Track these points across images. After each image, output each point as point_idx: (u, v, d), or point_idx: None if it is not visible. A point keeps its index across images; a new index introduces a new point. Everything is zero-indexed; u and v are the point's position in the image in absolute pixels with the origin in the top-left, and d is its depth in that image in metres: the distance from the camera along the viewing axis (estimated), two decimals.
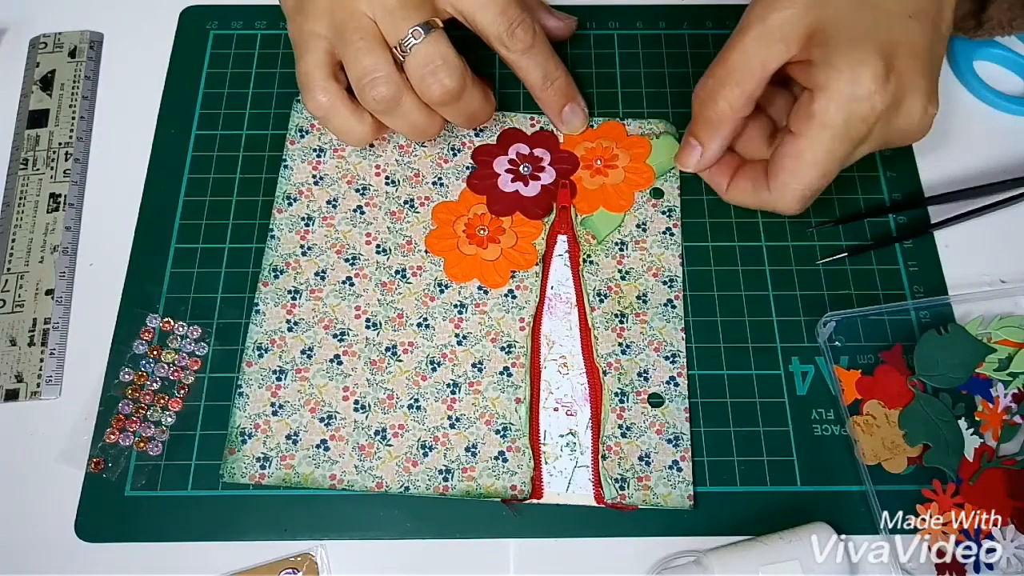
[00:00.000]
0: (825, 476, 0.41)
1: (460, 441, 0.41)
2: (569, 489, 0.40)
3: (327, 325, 0.43)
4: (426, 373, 0.42)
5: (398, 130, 0.44)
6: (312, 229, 0.46)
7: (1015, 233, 0.46)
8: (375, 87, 0.41)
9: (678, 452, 0.41)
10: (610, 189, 0.47)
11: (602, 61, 0.51)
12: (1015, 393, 0.41)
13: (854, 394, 0.42)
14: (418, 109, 0.42)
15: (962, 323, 0.43)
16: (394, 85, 0.41)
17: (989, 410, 0.41)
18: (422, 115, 0.43)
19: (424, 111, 0.43)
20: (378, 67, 0.41)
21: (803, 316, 0.44)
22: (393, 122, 0.43)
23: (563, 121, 0.47)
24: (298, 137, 0.48)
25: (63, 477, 0.41)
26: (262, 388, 0.42)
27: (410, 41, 0.40)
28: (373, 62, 0.41)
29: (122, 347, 0.43)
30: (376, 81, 0.41)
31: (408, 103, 0.42)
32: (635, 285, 0.44)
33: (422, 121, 0.43)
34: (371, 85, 0.41)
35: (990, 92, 0.49)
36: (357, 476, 0.40)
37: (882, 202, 0.47)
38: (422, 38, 0.40)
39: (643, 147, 0.48)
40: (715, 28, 0.52)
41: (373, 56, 0.41)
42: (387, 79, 0.41)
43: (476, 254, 0.45)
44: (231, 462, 0.40)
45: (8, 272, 0.45)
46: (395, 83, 0.41)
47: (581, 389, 0.42)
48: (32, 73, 0.51)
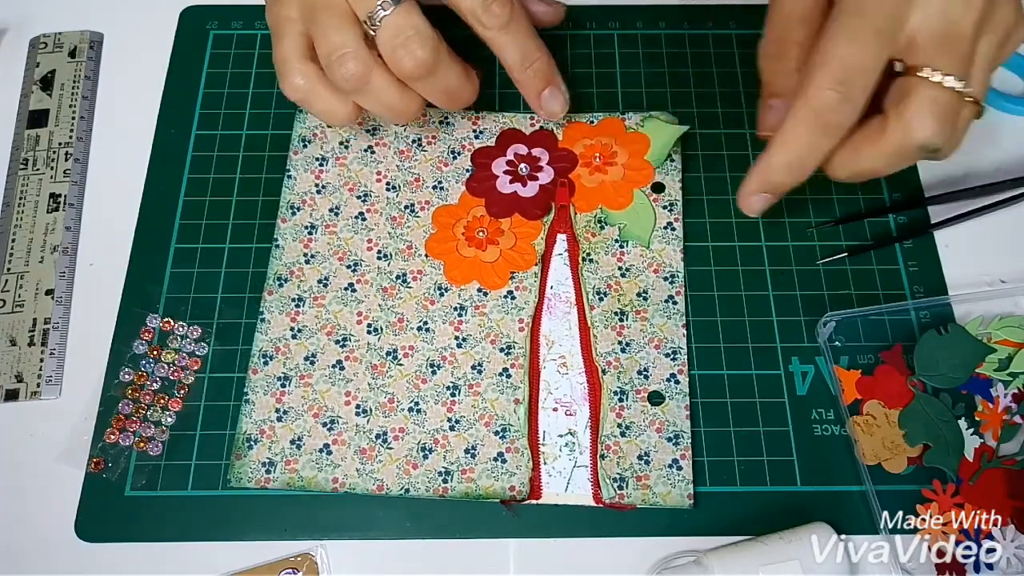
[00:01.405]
0: (825, 476, 0.41)
1: (459, 443, 0.41)
2: (568, 489, 0.40)
3: (330, 331, 0.43)
4: (426, 376, 0.42)
5: (374, 112, 0.43)
6: (315, 237, 0.46)
7: (1015, 233, 0.46)
8: (343, 64, 0.40)
9: (678, 451, 0.41)
10: (609, 186, 0.47)
11: (602, 61, 0.51)
12: (1015, 393, 0.41)
13: (854, 394, 0.42)
14: (391, 86, 0.41)
15: (962, 323, 0.43)
16: (363, 61, 0.40)
17: (989, 410, 0.41)
18: (396, 92, 0.41)
19: (398, 88, 0.41)
20: (346, 43, 0.40)
21: (803, 316, 0.44)
22: (367, 102, 0.42)
23: (542, 105, 0.45)
24: (301, 147, 0.48)
25: (63, 477, 0.41)
26: (267, 395, 0.42)
27: (379, 13, 0.39)
28: (341, 39, 0.40)
29: (122, 347, 0.43)
30: (344, 57, 0.40)
31: (379, 80, 0.41)
32: (635, 282, 0.44)
33: (396, 99, 0.42)
34: (339, 62, 0.40)
35: (990, 92, 0.49)
36: (359, 479, 0.40)
37: (882, 202, 0.47)
38: (392, 9, 0.39)
39: (642, 143, 0.48)
40: (715, 28, 0.52)
41: (341, 33, 0.40)
42: (355, 55, 0.40)
43: (475, 256, 0.45)
44: (237, 467, 0.41)
45: (8, 272, 0.46)
46: (364, 59, 0.40)
47: (580, 389, 0.42)
48: (32, 73, 0.51)
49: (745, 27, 0.52)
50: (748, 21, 0.52)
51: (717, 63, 0.51)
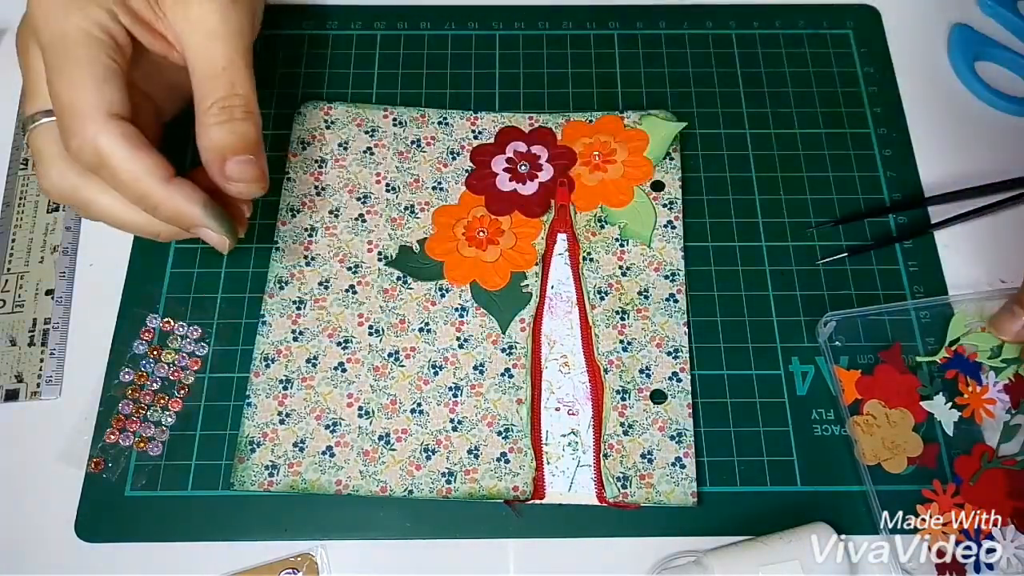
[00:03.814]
0: (825, 476, 0.41)
1: (462, 443, 0.41)
2: (572, 489, 0.40)
3: (331, 334, 0.43)
4: (428, 377, 0.42)
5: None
6: (315, 239, 0.45)
7: (1015, 233, 0.46)
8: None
9: (681, 448, 0.41)
10: (609, 184, 0.47)
11: (602, 61, 0.51)
12: (1006, 384, 0.41)
13: (854, 394, 0.42)
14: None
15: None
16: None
17: (969, 394, 0.41)
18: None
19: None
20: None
21: (803, 316, 0.44)
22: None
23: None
24: (299, 150, 0.48)
25: (63, 477, 0.41)
26: (269, 398, 0.42)
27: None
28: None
29: (122, 347, 0.43)
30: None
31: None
32: (636, 281, 0.44)
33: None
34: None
35: (990, 92, 0.49)
36: (362, 481, 0.40)
37: (882, 202, 0.47)
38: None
39: (641, 140, 0.48)
40: (715, 28, 0.52)
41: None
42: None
43: (476, 256, 0.45)
44: (240, 470, 0.40)
45: (8, 272, 0.45)
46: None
47: (583, 388, 0.42)
48: None
49: (745, 27, 0.52)
50: (748, 21, 0.52)
51: (717, 63, 0.51)
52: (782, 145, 0.48)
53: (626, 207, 0.46)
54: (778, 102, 0.50)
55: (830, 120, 0.49)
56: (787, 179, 0.48)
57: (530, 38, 0.52)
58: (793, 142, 0.49)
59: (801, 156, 0.48)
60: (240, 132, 0.39)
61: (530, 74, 0.50)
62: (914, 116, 0.49)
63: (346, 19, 0.52)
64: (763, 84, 0.50)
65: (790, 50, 0.51)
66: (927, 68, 0.51)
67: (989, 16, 0.52)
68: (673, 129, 0.47)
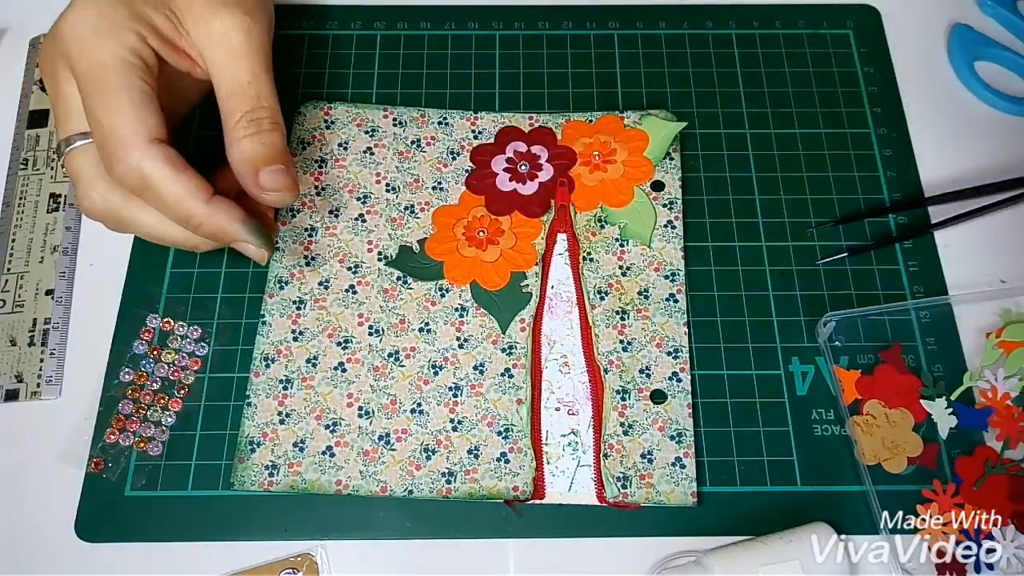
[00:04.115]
0: (825, 476, 0.41)
1: (462, 443, 0.41)
2: (572, 489, 0.40)
3: (331, 334, 0.43)
4: (428, 377, 0.42)
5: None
6: (315, 239, 0.45)
7: (1015, 233, 0.46)
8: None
9: (681, 448, 0.41)
10: (610, 184, 0.47)
11: (602, 61, 0.51)
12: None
13: (854, 394, 0.42)
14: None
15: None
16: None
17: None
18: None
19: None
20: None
21: (803, 316, 0.44)
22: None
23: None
24: (299, 150, 0.48)
25: (63, 477, 0.41)
26: (269, 398, 0.42)
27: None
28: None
29: (122, 347, 0.43)
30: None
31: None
32: (636, 281, 0.44)
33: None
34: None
35: (990, 92, 0.49)
36: (362, 481, 0.40)
37: (882, 202, 0.47)
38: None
39: (641, 139, 0.48)
40: (715, 28, 0.52)
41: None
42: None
43: (476, 256, 0.45)
44: (240, 471, 0.40)
45: (8, 272, 0.45)
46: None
47: (583, 388, 0.42)
48: (32, 73, 0.51)
49: (745, 27, 0.52)
50: (748, 21, 0.52)
51: (717, 63, 0.51)
52: (782, 145, 0.49)
53: (626, 207, 0.46)
54: (778, 102, 0.50)
55: (830, 120, 0.49)
56: (787, 179, 0.48)
57: (530, 38, 0.52)
58: (793, 142, 0.49)
59: (801, 156, 0.48)
60: (269, 143, 0.39)
61: (530, 74, 0.50)
62: (914, 116, 0.49)
63: (346, 19, 0.52)
64: (763, 84, 0.50)
65: (790, 50, 0.51)
66: (927, 68, 0.51)
67: (989, 16, 0.52)
68: (673, 129, 0.47)
